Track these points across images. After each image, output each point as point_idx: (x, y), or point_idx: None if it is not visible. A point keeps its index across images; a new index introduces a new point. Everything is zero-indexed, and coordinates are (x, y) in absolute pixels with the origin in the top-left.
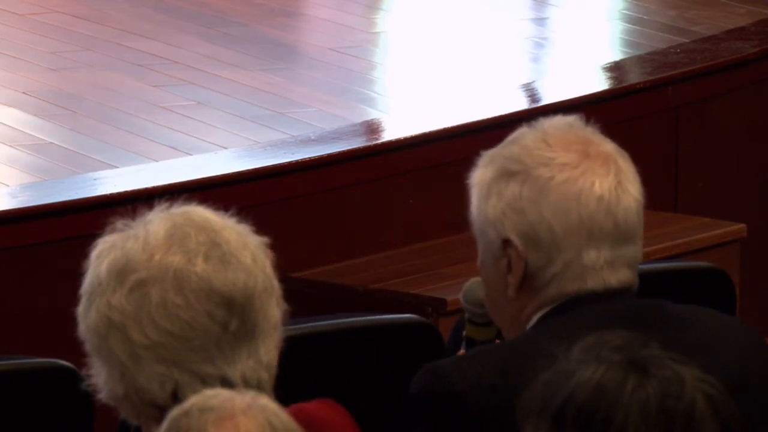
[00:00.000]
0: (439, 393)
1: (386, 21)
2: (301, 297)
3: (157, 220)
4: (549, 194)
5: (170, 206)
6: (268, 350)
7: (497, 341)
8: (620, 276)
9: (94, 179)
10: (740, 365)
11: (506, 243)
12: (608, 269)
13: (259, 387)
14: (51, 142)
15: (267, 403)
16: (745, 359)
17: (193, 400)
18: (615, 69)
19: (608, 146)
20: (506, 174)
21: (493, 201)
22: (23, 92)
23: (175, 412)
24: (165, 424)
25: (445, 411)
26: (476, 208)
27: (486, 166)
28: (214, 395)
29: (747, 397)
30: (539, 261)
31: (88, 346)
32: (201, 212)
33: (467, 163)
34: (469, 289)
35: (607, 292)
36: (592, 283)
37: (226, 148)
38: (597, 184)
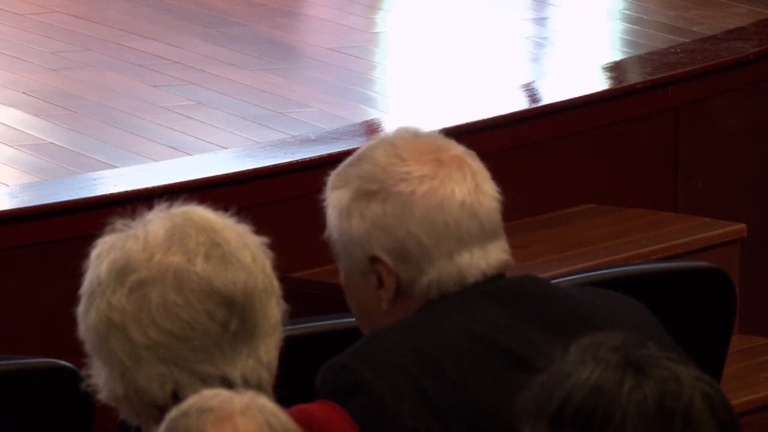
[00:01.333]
0: (342, 383)
1: (386, 21)
2: (301, 297)
3: (156, 220)
4: (413, 209)
5: (170, 206)
6: (268, 350)
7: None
8: (492, 260)
9: (94, 179)
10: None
11: (374, 260)
12: (483, 260)
13: (259, 387)
14: (51, 142)
15: (265, 403)
16: (624, 326)
17: (191, 401)
18: (615, 69)
19: (457, 149)
20: (365, 194)
21: (356, 221)
22: (23, 92)
23: (173, 413)
24: (164, 425)
25: (352, 399)
26: (337, 228)
27: (341, 188)
28: (213, 396)
29: None
30: (411, 274)
31: (88, 347)
32: (201, 212)
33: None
34: None
35: (487, 278)
36: (473, 277)
37: (226, 148)
38: (457, 191)
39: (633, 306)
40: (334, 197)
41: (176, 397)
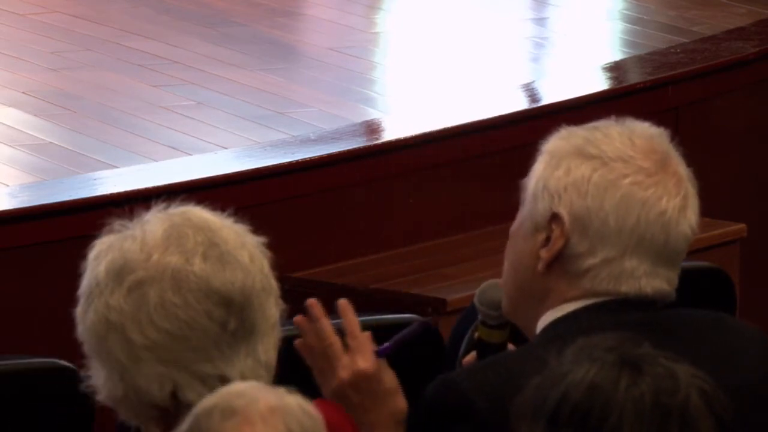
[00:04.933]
0: (452, 404)
1: (386, 21)
2: (301, 297)
3: (154, 221)
4: (617, 189)
5: (168, 206)
6: (267, 349)
7: (509, 345)
8: (656, 285)
9: (94, 179)
10: (758, 378)
11: (554, 217)
12: (646, 278)
13: None
14: (51, 142)
15: (294, 404)
16: (763, 372)
17: (219, 397)
18: (615, 69)
19: (684, 169)
20: (582, 154)
21: (560, 173)
22: (23, 92)
23: (199, 408)
24: (189, 419)
25: (457, 423)
26: (538, 173)
27: (564, 138)
28: (241, 393)
29: (764, 408)
30: (581, 247)
31: (87, 347)
32: (198, 212)
33: (467, 163)
34: (484, 290)
35: (640, 299)
36: (627, 287)
37: (226, 148)
38: (665, 200)
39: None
40: (553, 144)
41: (175, 397)
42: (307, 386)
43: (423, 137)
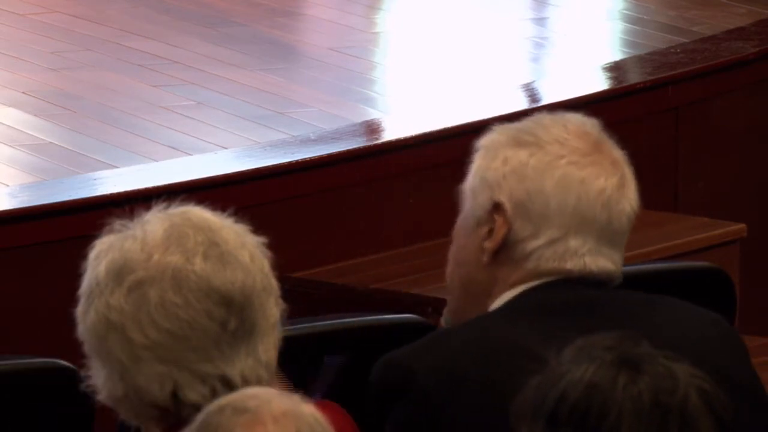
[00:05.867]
0: (395, 382)
1: (386, 21)
2: (301, 297)
3: (154, 221)
4: (555, 170)
5: (168, 206)
6: (267, 349)
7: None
8: (601, 263)
9: (94, 179)
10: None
11: (496, 207)
12: (590, 256)
13: (258, 386)
14: (51, 142)
15: (307, 410)
16: (705, 352)
17: (233, 397)
18: (615, 69)
19: (618, 153)
20: (518, 142)
21: (497, 164)
22: (23, 92)
23: (212, 406)
24: (200, 417)
25: (407, 400)
26: (475, 169)
27: (498, 132)
28: (254, 395)
29: None
30: (524, 232)
31: (87, 347)
32: (199, 212)
33: (467, 163)
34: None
35: (584, 276)
36: (571, 265)
37: (226, 148)
38: (602, 178)
39: (714, 329)
40: (487, 138)
41: (175, 397)
42: (307, 387)
43: (423, 137)
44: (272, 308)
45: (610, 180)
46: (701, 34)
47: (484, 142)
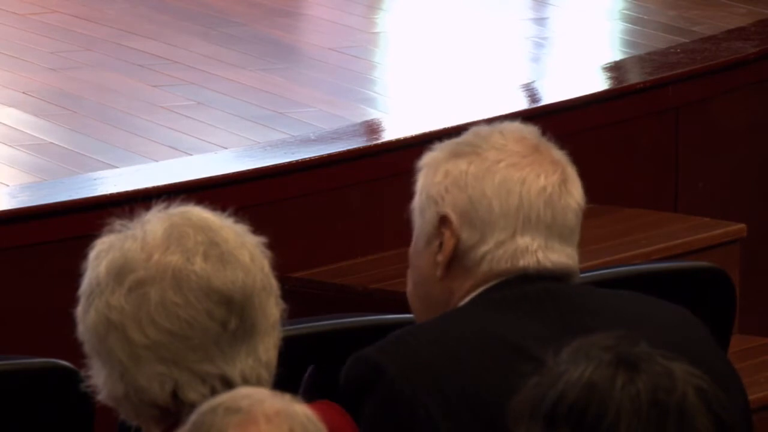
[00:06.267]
0: (364, 376)
1: (386, 21)
2: (301, 297)
3: (154, 220)
4: (494, 174)
5: (168, 206)
6: (267, 349)
7: None
8: (554, 258)
9: (94, 179)
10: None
11: (442, 220)
12: (542, 252)
13: (258, 386)
14: (51, 142)
15: (300, 410)
16: (668, 337)
17: (224, 397)
18: (615, 69)
19: (558, 153)
20: (456, 154)
21: (439, 178)
22: (23, 92)
23: (204, 406)
24: (192, 417)
25: (375, 392)
26: (420, 188)
27: (438, 149)
28: (246, 395)
29: None
30: (472, 239)
31: (87, 347)
32: (199, 212)
33: None
34: None
35: (540, 272)
36: (525, 262)
37: (226, 148)
38: (542, 177)
39: (683, 321)
40: (427, 157)
41: (176, 397)
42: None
43: (423, 137)
44: (272, 308)
45: (550, 178)
46: (701, 34)
47: (425, 160)
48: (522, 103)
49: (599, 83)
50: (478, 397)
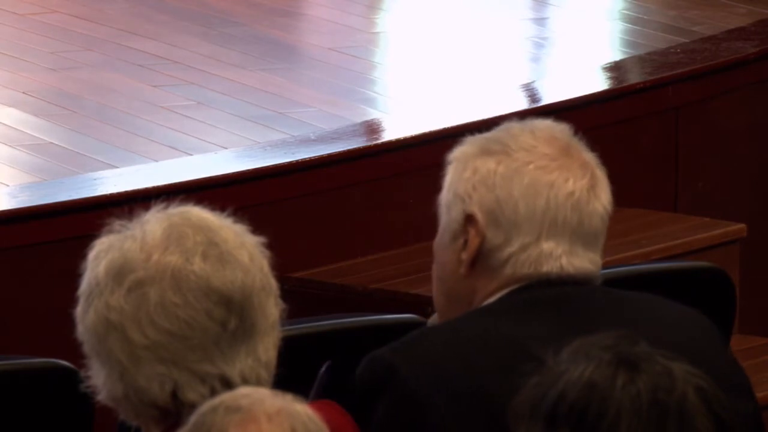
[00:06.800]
0: (378, 377)
1: (386, 21)
2: (301, 297)
3: (154, 221)
4: (523, 176)
5: (167, 206)
6: (267, 349)
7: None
8: (577, 263)
9: (94, 179)
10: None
11: (468, 219)
12: (566, 257)
13: (258, 386)
14: (51, 142)
15: (301, 409)
16: (686, 343)
17: (224, 397)
18: (615, 69)
19: (588, 155)
20: (486, 152)
21: (467, 174)
22: (23, 92)
23: (204, 406)
24: (193, 418)
25: (389, 393)
26: (448, 183)
27: (468, 143)
28: (246, 395)
29: None
30: (497, 239)
31: (87, 347)
32: (198, 212)
33: None
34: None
35: (562, 278)
36: (548, 267)
37: (226, 148)
38: (571, 181)
39: (699, 327)
40: (458, 151)
41: (175, 397)
42: (307, 387)
43: (423, 137)
44: (272, 308)
45: (579, 182)
46: (701, 34)
47: (454, 154)
48: (522, 103)
49: (599, 83)
50: (489, 399)
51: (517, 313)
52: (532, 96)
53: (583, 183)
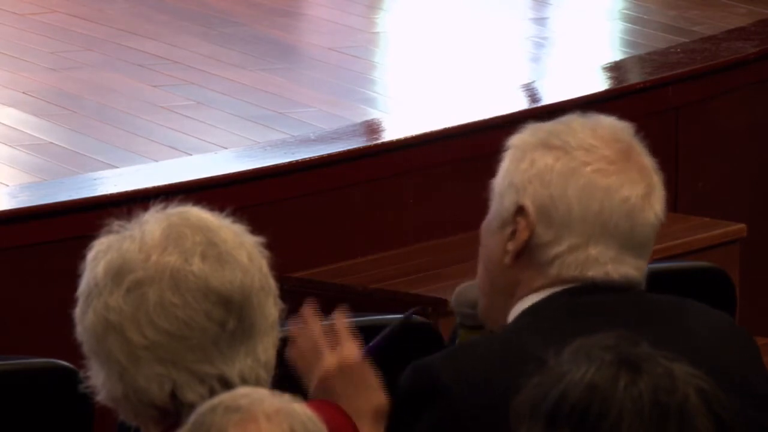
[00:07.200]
0: (424, 388)
1: (386, 21)
2: (301, 297)
3: (153, 221)
4: (579, 177)
5: (166, 206)
6: (266, 349)
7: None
8: (623, 271)
9: (94, 179)
10: (710, 366)
11: (520, 210)
12: (612, 264)
13: (257, 386)
14: (51, 142)
15: (299, 409)
16: (719, 359)
17: (223, 397)
18: (615, 69)
19: (648, 160)
20: (546, 145)
21: (525, 165)
22: (23, 92)
23: (203, 406)
24: (192, 418)
25: (434, 407)
26: (504, 170)
27: (529, 132)
28: (245, 395)
29: (726, 389)
30: (546, 236)
31: (86, 348)
32: (197, 212)
33: (467, 163)
34: (460, 291)
35: (607, 284)
36: (594, 272)
37: (226, 148)
38: (627, 187)
39: (730, 335)
40: (518, 138)
41: (175, 397)
42: (307, 387)
43: (423, 137)
44: (271, 308)
45: (635, 189)
46: (701, 34)
47: (514, 141)
48: (522, 103)
49: (599, 83)
50: None
51: (562, 326)
52: (532, 96)
53: (638, 190)
